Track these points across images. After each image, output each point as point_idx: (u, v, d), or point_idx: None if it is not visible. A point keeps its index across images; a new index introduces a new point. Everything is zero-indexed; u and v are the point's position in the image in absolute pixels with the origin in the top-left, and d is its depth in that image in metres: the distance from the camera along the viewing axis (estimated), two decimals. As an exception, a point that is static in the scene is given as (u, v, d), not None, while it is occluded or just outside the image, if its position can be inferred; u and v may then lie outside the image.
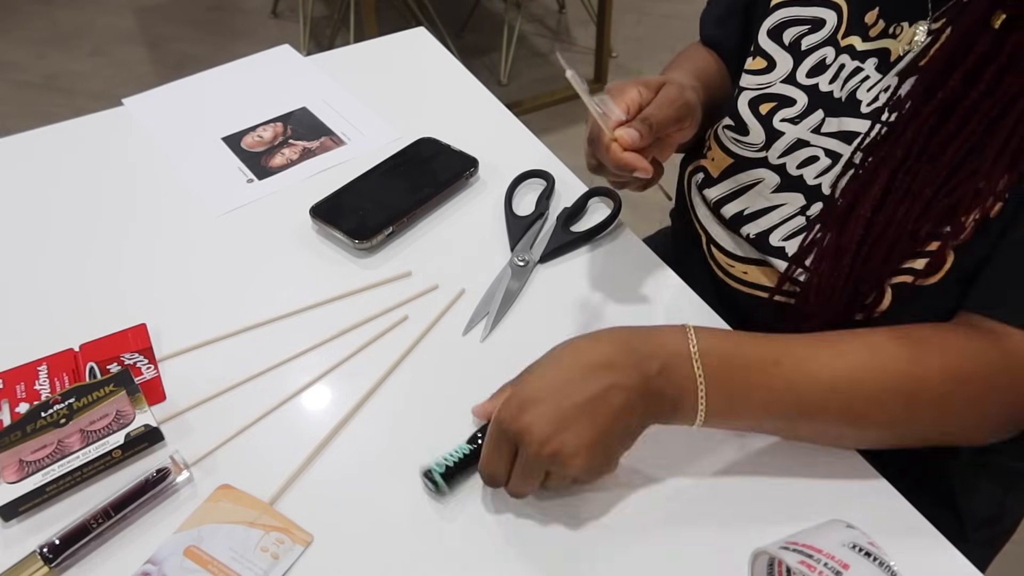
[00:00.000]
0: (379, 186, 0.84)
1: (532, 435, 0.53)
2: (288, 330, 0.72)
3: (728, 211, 0.75)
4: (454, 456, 0.60)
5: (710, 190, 0.77)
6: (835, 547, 0.49)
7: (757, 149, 0.73)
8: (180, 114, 0.96)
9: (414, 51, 1.08)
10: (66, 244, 0.80)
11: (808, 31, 0.72)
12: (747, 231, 0.73)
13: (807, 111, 0.71)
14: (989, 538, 0.79)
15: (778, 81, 0.73)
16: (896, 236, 0.61)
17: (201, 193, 0.86)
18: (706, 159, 0.78)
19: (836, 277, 0.64)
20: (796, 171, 0.71)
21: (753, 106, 0.74)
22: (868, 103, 0.67)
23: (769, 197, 0.72)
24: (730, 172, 0.75)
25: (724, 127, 0.76)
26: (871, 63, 0.68)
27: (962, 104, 0.59)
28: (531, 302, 0.75)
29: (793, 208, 0.70)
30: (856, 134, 0.67)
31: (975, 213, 0.59)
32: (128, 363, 0.67)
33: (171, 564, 0.55)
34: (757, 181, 0.73)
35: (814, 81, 0.71)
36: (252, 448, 0.63)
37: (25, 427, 0.61)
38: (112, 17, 2.93)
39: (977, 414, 0.59)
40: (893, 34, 0.67)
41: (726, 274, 0.76)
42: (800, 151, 0.70)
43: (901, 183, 0.61)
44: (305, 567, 0.56)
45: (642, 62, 2.74)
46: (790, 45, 0.73)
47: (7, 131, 0.92)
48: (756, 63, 0.75)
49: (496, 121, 0.96)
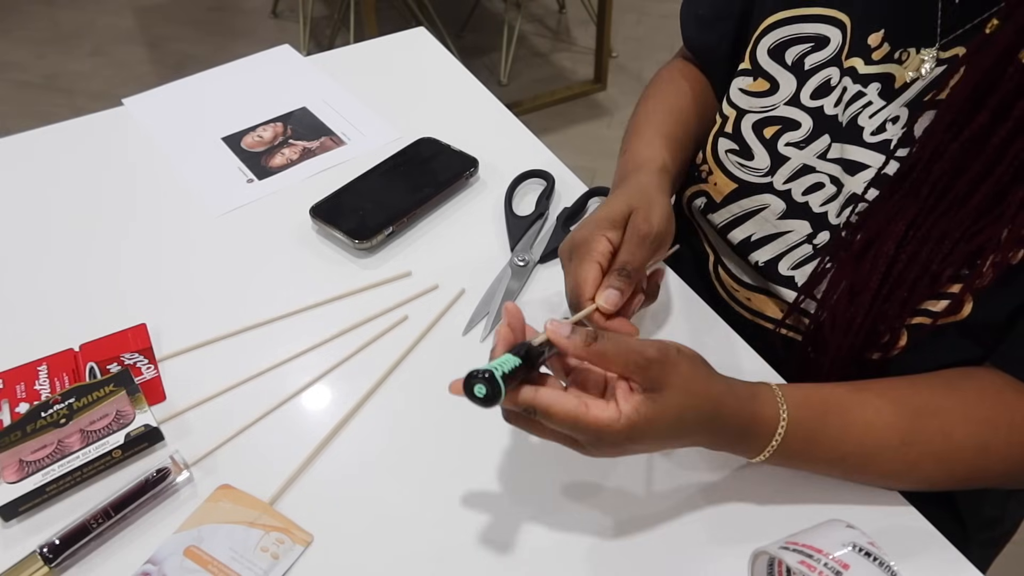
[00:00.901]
0: (379, 186, 0.84)
1: (596, 455, 0.54)
2: (288, 330, 0.72)
3: (735, 236, 0.72)
4: (507, 364, 0.50)
5: (714, 215, 0.74)
6: (835, 547, 0.49)
7: (762, 174, 0.71)
8: (180, 114, 0.96)
9: (414, 51, 1.08)
10: (66, 244, 0.80)
11: (811, 50, 0.69)
12: (755, 258, 0.71)
13: (812, 135, 0.68)
14: (990, 539, 0.79)
15: (782, 103, 0.70)
16: (918, 276, 0.59)
17: (201, 193, 0.86)
18: (707, 183, 0.75)
19: (854, 315, 0.62)
20: (802, 197, 0.68)
21: (757, 129, 0.71)
22: (872, 131, 0.65)
23: (776, 223, 0.70)
24: (734, 197, 0.72)
25: (727, 151, 0.73)
26: (873, 88, 0.65)
27: (990, 143, 0.56)
28: (531, 302, 0.75)
29: (799, 236, 0.69)
30: (858, 164, 0.65)
31: (996, 256, 0.57)
32: (128, 363, 0.67)
33: (171, 564, 0.55)
34: (763, 207, 0.71)
35: (819, 103, 0.68)
36: (252, 448, 0.63)
37: (25, 427, 0.61)
38: (112, 17, 2.93)
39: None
40: (899, 59, 0.64)
41: (731, 297, 0.75)
42: (806, 177, 0.68)
43: (924, 222, 0.59)
44: (305, 567, 0.56)
45: (642, 62, 2.74)
46: (793, 65, 0.70)
47: (7, 131, 0.92)
48: (758, 84, 0.71)
49: (496, 121, 0.96)
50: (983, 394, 0.60)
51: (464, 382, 0.49)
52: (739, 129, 0.72)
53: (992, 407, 0.59)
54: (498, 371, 0.49)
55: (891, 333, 0.62)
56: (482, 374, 0.49)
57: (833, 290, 0.64)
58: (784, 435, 0.56)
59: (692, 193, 0.77)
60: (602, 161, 2.29)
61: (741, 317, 0.74)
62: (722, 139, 0.74)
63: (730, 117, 0.73)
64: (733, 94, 0.73)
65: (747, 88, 0.72)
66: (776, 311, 0.71)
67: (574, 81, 2.66)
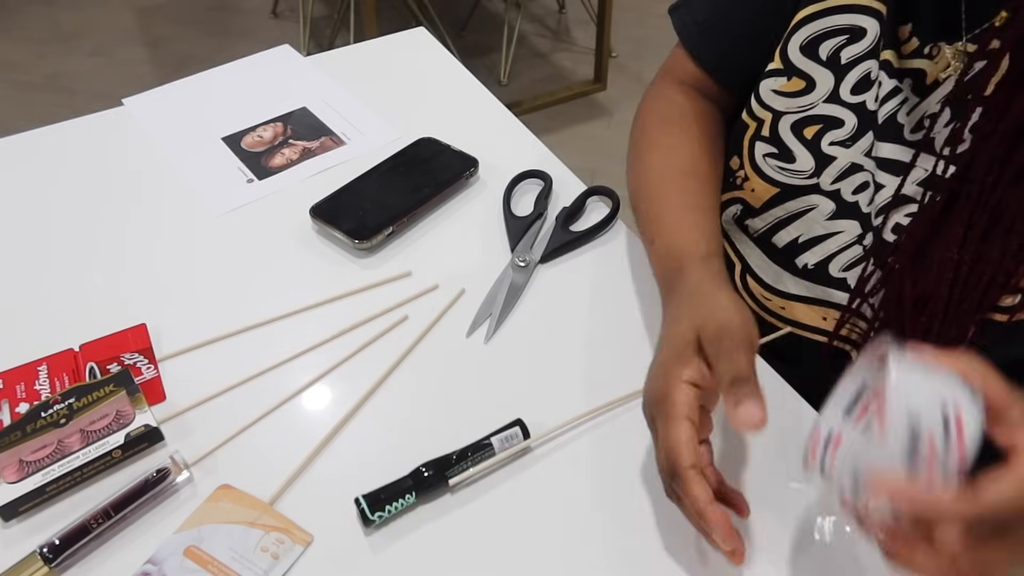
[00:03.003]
0: (379, 186, 0.84)
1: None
2: (288, 330, 0.72)
3: (781, 239, 0.70)
4: (397, 506, 0.58)
5: (753, 220, 0.71)
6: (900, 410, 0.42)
7: (807, 176, 0.67)
8: (180, 114, 0.96)
9: (414, 51, 1.08)
10: (66, 244, 0.80)
11: (847, 42, 0.65)
12: (804, 261, 0.68)
13: (858, 132, 0.65)
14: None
15: (820, 101, 0.66)
16: (992, 276, 0.57)
17: (201, 193, 0.86)
18: (742, 190, 0.72)
19: (930, 323, 0.60)
20: (852, 197, 0.66)
21: (796, 130, 0.68)
22: (911, 129, 0.63)
23: (825, 224, 0.67)
24: (776, 201, 0.69)
25: (765, 155, 0.69)
26: (907, 84, 0.63)
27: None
28: (533, 302, 0.75)
29: (851, 236, 0.66)
30: (899, 163, 0.63)
31: None
32: (128, 363, 0.67)
33: (171, 564, 0.55)
34: (810, 207, 0.68)
35: (860, 99, 0.65)
36: (252, 448, 0.63)
37: (25, 427, 0.61)
38: (112, 17, 2.93)
39: None
40: (929, 55, 0.62)
41: (760, 307, 0.73)
42: (855, 175, 0.65)
43: (979, 222, 0.58)
44: (305, 567, 0.56)
45: (642, 62, 2.74)
46: (828, 59, 0.66)
47: (7, 131, 0.91)
48: (792, 84, 0.67)
49: (496, 121, 0.96)
50: None
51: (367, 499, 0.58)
52: (776, 131, 0.69)
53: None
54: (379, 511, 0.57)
55: (959, 334, 0.60)
56: (366, 500, 0.57)
57: (895, 298, 0.61)
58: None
59: (725, 200, 0.74)
60: (602, 161, 2.29)
61: (773, 328, 0.72)
62: (759, 143, 0.70)
63: (765, 120, 0.69)
64: (765, 96, 0.69)
65: (780, 89, 0.68)
66: (815, 318, 0.69)
67: (574, 81, 2.66)
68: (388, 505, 0.57)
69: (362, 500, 0.57)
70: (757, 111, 0.70)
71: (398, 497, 0.58)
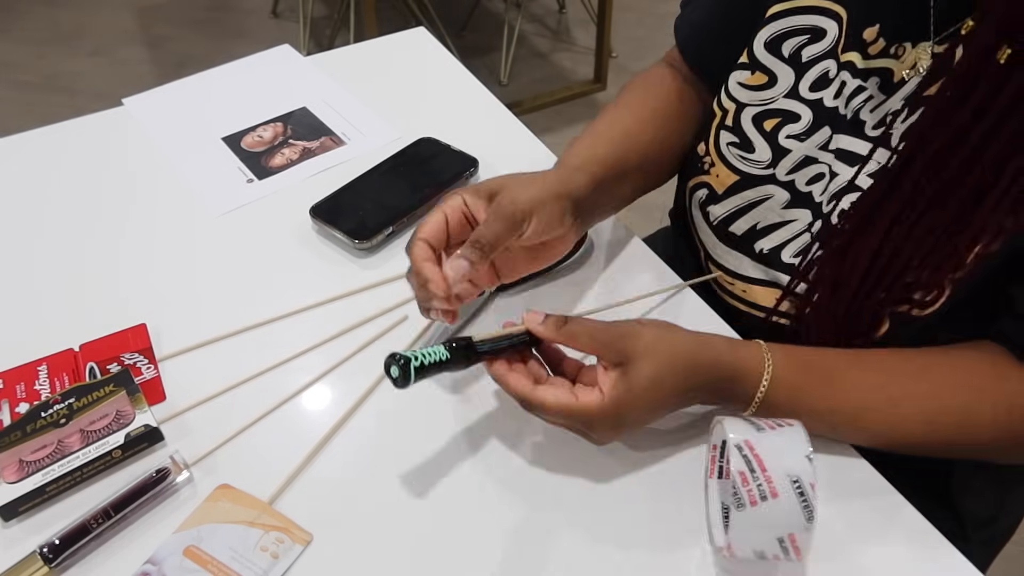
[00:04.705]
0: (379, 186, 0.84)
1: (601, 440, 0.59)
2: (288, 330, 0.72)
3: (739, 227, 0.73)
4: (432, 356, 0.55)
5: (715, 207, 0.74)
6: (779, 473, 0.50)
7: (764, 167, 0.71)
8: (180, 114, 0.96)
9: (414, 51, 1.08)
10: (66, 244, 0.80)
11: (808, 41, 0.69)
12: (761, 246, 0.71)
13: (813, 127, 0.69)
14: (989, 538, 0.79)
15: (780, 96, 0.70)
16: (901, 271, 0.61)
17: (201, 193, 0.86)
18: (709, 175, 0.75)
19: (836, 307, 0.64)
20: (805, 187, 0.69)
21: (757, 122, 0.71)
22: (873, 125, 0.66)
23: (780, 213, 0.70)
24: (736, 189, 0.73)
25: (728, 144, 0.73)
26: (873, 82, 0.66)
27: (969, 141, 0.57)
28: (533, 302, 0.75)
29: (803, 224, 0.69)
30: (856, 155, 0.66)
31: (979, 249, 0.58)
32: (128, 363, 0.67)
33: (171, 564, 0.55)
34: (766, 197, 0.71)
35: (818, 95, 0.69)
36: (252, 448, 0.63)
37: (25, 427, 0.61)
38: (112, 17, 2.93)
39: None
40: (895, 54, 0.65)
41: (723, 290, 0.76)
42: (808, 168, 0.69)
43: (906, 218, 0.60)
44: (305, 567, 0.56)
45: (642, 62, 2.74)
46: (790, 57, 0.70)
47: (7, 131, 0.92)
48: (756, 78, 0.72)
49: (496, 121, 0.96)
50: (975, 363, 0.62)
51: (386, 359, 0.55)
52: (739, 122, 0.73)
53: (983, 376, 0.61)
54: (417, 360, 0.54)
55: (872, 321, 0.63)
56: (400, 359, 0.54)
57: (820, 280, 0.65)
58: (770, 384, 0.59)
59: (694, 184, 0.78)
60: (602, 161, 2.29)
61: (735, 308, 0.75)
62: (723, 132, 0.74)
63: (730, 110, 0.73)
64: (732, 87, 0.73)
65: (745, 82, 0.72)
66: (772, 301, 0.72)
67: (574, 81, 2.66)
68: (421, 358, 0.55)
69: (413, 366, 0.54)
70: (724, 101, 0.74)
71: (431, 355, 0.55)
